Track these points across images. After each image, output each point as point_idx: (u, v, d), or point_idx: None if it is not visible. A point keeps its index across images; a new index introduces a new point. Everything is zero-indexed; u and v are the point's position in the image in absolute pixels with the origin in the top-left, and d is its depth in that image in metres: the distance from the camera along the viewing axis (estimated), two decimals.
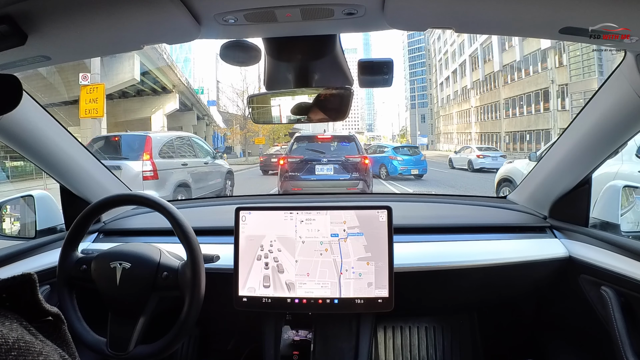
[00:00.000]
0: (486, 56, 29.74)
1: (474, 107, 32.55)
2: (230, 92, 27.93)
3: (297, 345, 1.03)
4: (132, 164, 5.17)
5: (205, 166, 6.56)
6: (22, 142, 1.02)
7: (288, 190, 5.59)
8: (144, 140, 5.37)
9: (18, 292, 0.39)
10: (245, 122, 24.61)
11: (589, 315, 1.04)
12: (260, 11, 0.62)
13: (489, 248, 1.15)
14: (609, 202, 1.16)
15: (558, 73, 19.62)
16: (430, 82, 54.60)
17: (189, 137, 6.87)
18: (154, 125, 18.93)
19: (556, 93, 19.83)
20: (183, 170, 5.78)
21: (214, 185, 6.68)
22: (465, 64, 34.95)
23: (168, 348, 0.89)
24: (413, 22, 0.67)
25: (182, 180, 5.67)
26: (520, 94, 23.76)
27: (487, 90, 29.97)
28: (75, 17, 0.61)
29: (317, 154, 5.74)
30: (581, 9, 0.58)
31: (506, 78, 26.15)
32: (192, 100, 23.08)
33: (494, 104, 28.30)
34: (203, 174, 6.38)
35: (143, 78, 16.65)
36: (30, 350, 0.35)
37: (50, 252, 1.14)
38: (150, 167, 5.14)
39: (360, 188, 5.51)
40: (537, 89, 21.79)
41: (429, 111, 54.56)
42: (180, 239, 0.90)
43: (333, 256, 1.01)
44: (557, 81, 19.75)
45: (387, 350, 1.42)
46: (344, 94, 0.83)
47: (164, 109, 19.69)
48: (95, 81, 9.47)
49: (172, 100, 19.74)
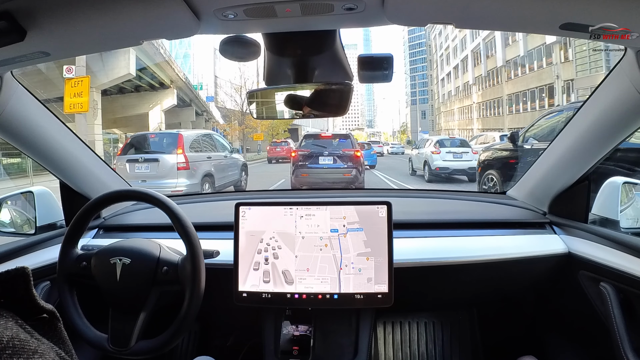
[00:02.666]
0: (489, 51, 29.26)
1: (476, 103, 32.15)
2: (227, 88, 27.41)
3: (296, 341, 1.04)
4: (168, 157, 6.19)
5: (225, 159, 7.52)
6: (21, 138, 1.02)
7: (298, 175, 7.19)
8: (176, 137, 6.38)
9: (12, 287, 0.39)
10: (243, 118, 24.18)
11: (587, 311, 1.05)
12: (259, 6, 0.61)
13: (488, 244, 1.15)
14: (608, 199, 1.15)
15: (563, 68, 19.17)
16: (431, 77, 53.99)
17: (210, 134, 7.94)
18: (151, 122, 18.75)
19: (561, 89, 19.35)
20: (208, 162, 6.81)
21: (232, 176, 7.69)
22: (467, 59, 34.54)
23: (169, 343, 0.89)
24: (413, 17, 0.67)
25: (208, 171, 6.65)
26: (524, 90, 23.33)
27: (489, 86, 29.58)
28: (74, 13, 0.61)
29: (320, 148, 7.31)
30: (582, 5, 0.58)
31: (509, 73, 25.66)
32: (191, 96, 22.83)
33: (496, 99, 27.84)
34: (224, 166, 7.38)
35: (140, 74, 16.44)
36: (25, 348, 0.34)
37: (50, 248, 1.14)
38: (183, 160, 6.15)
39: (353, 174, 7.06)
40: (541, 85, 21.37)
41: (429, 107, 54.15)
42: (180, 235, 0.91)
43: (333, 251, 1.01)
44: (562, 77, 19.26)
45: (387, 345, 1.43)
46: (343, 90, 0.82)
47: (161, 105, 19.49)
48: (81, 74, 9.19)
49: (170, 96, 19.54)
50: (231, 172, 7.71)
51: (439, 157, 9.18)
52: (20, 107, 0.95)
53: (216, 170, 6.91)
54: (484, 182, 5.68)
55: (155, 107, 19.36)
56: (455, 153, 9.22)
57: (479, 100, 31.60)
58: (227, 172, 7.52)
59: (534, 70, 22.30)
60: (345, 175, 7.08)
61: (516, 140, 5.27)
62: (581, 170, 1.09)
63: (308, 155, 7.24)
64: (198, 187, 6.26)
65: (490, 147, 6.83)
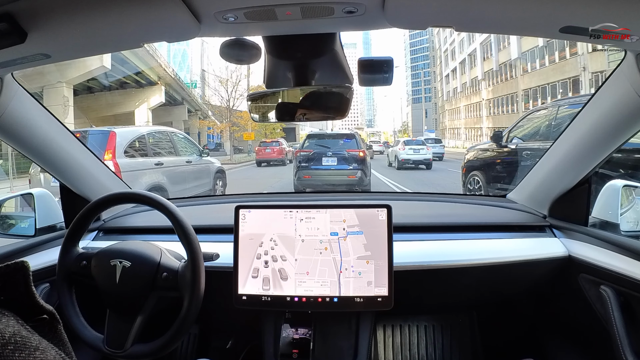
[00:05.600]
0: (500, 43, 26.47)
1: (485, 99, 29.78)
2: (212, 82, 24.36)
3: (296, 344, 1.03)
4: None
5: (187, 165, 5.92)
6: (22, 140, 1.02)
7: (301, 177, 6.90)
8: (107, 137, 4.64)
9: (12, 281, 0.39)
10: (230, 115, 21.81)
11: (588, 314, 1.04)
12: (260, 9, 0.61)
13: (488, 247, 1.15)
14: (608, 202, 1.15)
15: (591, 59, 16.39)
16: (435, 74, 51.93)
17: (168, 132, 6.09)
18: (137, 120, 17.45)
19: (589, 82, 16.47)
20: (156, 171, 5.12)
21: (199, 187, 6.06)
22: (475, 53, 31.89)
23: (165, 348, 0.89)
24: (413, 20, 0.67)
25: (155, 182, 5.00)
26: (543, 84, 20.71)
27: (501, 81, 26.80)
28: (75, 15, 0.61)
29: (323, 149, 7.02)
30: (581, 8, 0.58)
31: (525, 67, 22.93)
32: (183, 94, 21.79)
33: (510, 95, 25.11)
34: (185, 174, 5.78)
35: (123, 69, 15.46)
36: (26, 345, 0.34)
37: (49, 250, 1.14)
38: (112, 169, 4.42)
39: (358, 176, 6.75)
40: (564, 78, 18.66)
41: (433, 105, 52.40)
42: (180, 237, 0.90)
43: (333, 255, 1.01)
44: (589, 68, 16.51)
45: (387, 348, 1.43)
46: (344, 92, 0.82)
47: (148, 103, 18.32)
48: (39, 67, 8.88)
49: (157, 93, 18.41)
50: (198, 181, 6.07)
51: (404, 152, 12.80)
52: (21, 109, 0.95)
53: (171, 181, 5.26)
54: (469, 182, 5.55)
55: (141, 105, 18.23)
56: (415, 149, 12.86)
57: (489, 97, 29.03)
58: (191, 183, 5.87)
59: (554, 62, 19.80)
60: (349, 177, 6.79)
61: (500, 139, 5.11)
62: (581, 173, 1.09)
63: (311, 156, 6.95)
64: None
65: (473, 147, 6.74)
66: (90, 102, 16.03)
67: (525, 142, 4.85)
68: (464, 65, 35.57)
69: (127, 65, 15.73)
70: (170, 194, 5.08)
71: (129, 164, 4.66)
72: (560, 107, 4.48)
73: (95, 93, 16.44)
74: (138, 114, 18.08)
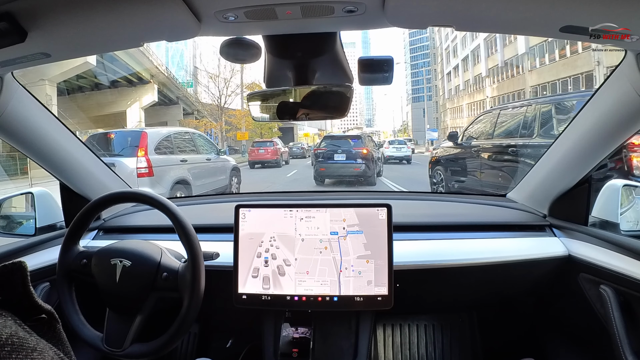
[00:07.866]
0: (507, 38, 25.32)
1: (489, 97, 28.59)
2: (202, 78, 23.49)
3: (296, 343, 1.03)
4: (127, 160, 4.91)
5: (208, 163, 6.47)
6: (22, 139, 1.02)
7: (318, 169, 8.83)
8: (139, 136, 5.16)
9: (10, 281, 0.39)
10: (221, 113, 21.10)
11: (588, 313, 1.04)
12: (260, 9, 0.61)
13: (488, 246, 1.15)
14: (608, 201, 1.15)
15: (606, 53, 14.81)
16: (435, 72, 50.82)
17: (189, 132, 6.74)
18: (129, 121, 17.10)
19: (603, 77, 14.31)
20: (182, 167, 5.63)
21: (217, 182, 6.61)
22: (479, 49, 30.73)
23: (163, 348, 0.89)
24: (413, 19, 0.67)
25: (181, 176, 5.52)
26: (553, 80, 19.75)
27: (507, 78, 25.83)
28: (75, 14, 0.61)
29: (336, 147, 8.80)
30: (581, 7, 0.58)
31: (534, 62, 22.03)
32: (178, 94, 21.14)
33: (516, 92, 23.87)
34: (205, 171, 6.30)
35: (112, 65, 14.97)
36: (24, 345, 0.34)
37: (50, 249, 1.14)
38: (145, 164, 4.93)
39: (362, 169, 8.46)
40: (576, 74, 17.70)
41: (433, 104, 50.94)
42: (180, 237, 0.90)
43: (333, 254, 1.01)
44: (604, 62, 15.44)
45: (387, 347, 1.43)
46: (344, 92, 0.83)
47: (140, 102, 17.79)
48: None
49: (149, 92, 17.83)
50: (216, 177, 6.63)
51: (388, 150, 15.56)
52: (21, 108, 0.95)
53: (194, 176, 5.80)
54: (433, 175, 6.51)
55: (133, 105, 17.62)
56: (397, 147, 15.92)
57: (493, 94, 27.89)
58: (211, 178, 6.42)
59: (565, 56, 18.90)
60: (355, 170, 8.50)
61: (456, 139, 6.00)
62: (581, 172, 1.09)
63: (326, 153, 8.77)
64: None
65: (438, 145, 8.79)
66: (80, 101, 15.61)
67: (476, 141, 5.70)
68: (466, 62, 34.68)
69: (117, 62, 15.28)
70: (194, 188, 5.76)
71: (159, 160, 5.21)
72: (502, 111, 5.66)
73: (85, 92, 16.03)
74: (130, 114, 17.58)
